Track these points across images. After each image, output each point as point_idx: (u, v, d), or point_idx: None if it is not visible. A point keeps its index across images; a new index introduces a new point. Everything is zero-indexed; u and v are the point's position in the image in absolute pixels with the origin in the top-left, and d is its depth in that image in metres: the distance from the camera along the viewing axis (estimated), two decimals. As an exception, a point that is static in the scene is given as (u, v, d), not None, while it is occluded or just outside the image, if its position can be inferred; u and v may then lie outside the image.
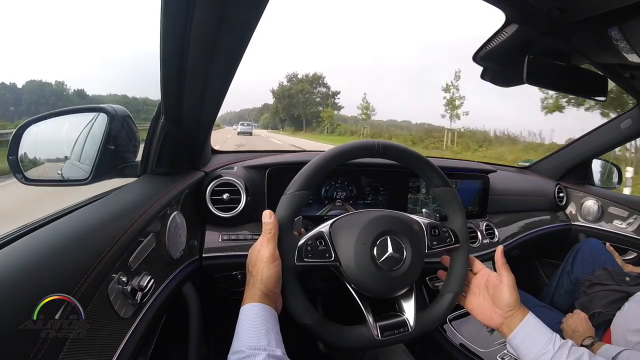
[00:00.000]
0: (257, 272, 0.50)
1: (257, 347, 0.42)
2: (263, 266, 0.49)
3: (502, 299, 0.56)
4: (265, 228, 0.52)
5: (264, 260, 0.49)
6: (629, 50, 0.62)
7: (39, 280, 0.31)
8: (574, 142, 1.43)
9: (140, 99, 66.32)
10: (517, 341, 0.55)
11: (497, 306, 0.57)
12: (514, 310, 0.56)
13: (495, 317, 0.58)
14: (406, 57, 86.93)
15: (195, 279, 0.70)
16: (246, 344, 0.42)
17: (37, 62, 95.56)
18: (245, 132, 28.08)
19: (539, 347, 0.52)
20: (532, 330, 0.54)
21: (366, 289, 0.56)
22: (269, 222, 0.51)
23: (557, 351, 0.51)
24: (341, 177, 0.91)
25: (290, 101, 43.97)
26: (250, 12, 0.44)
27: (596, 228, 1.37)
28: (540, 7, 0.56)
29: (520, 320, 0.55)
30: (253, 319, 0.46)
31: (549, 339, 0.52)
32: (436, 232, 0.61)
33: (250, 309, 0.47)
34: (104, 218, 0.46)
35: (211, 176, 0.77)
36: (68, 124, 0.70)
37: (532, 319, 0.55)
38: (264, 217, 0.52)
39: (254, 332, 0.44)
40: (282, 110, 45.28)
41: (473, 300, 0.62)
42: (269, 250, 0.50)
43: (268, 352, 0.42)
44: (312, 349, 0.86)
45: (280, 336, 0.47)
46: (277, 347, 0.44)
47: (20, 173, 0.61)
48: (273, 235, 0.51)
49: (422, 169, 0.63)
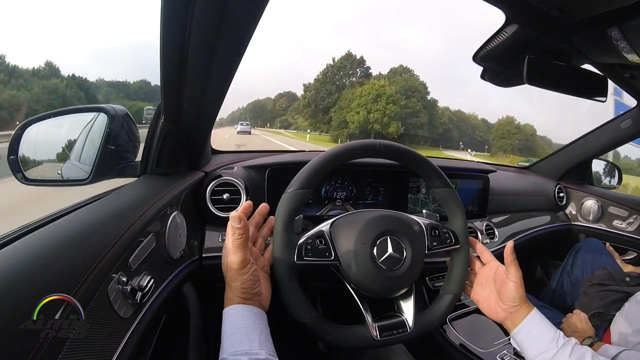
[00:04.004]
0: (230, 279, 0.49)
1: (239, 352, 0.42)
2: (235, 274, 0.48)
3: (508, 294, 0.56)
4: (234, 233, 0.48)
5: (235, 268, 0.48)
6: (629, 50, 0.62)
7: (39, 280, 0.31)
8: (574, 142, 1.42)
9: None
10: (521, 337, 0.55)
11: (502, 301, 0.57)
12: (519, 306, 0.56)
13: (499, 311, 0.57)
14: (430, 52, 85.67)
15: (195, 279, 0.70)
16: (228, 350, 0.43)
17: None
18: (244, 131, 28.25)
19: (542, 344, 0.52)
20: (536, 327, 0.54)
21: (366, 288, 0.56)
22: (238, 227, 0.47)
23: (560, 349, 0.50)
24: (341, 177, 0.91)
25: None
26: (251, 11, 0.44)
27: (596, 228, 1.37)
28: (540, 7, 0.56)
29: (524, 316, 0.55)
30: (233, 323, 0.45)
31: (553, 337, 0.52)
32: (436, 232, 0.61)
33: (230, 312, 0.47)
34: (104, 218, 0.46)
35: (211, 176, 0.77)
36: (68, 123, 0.70)
37: (536, 315, 0.55)
38: (232, 221, 0.48)
39: (235, 336, 0.44)
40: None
41: (480, 291, 0.61)
42: (239, 258, 0.48)
43: (249, 357, 0.42)
44: (312, 349, 0.86)
45: (266, 334, 0.46)
46: (260, 349, 0.43)
47: (20, 173, 0.61)
48: (244, 241, 0.48)
49: (423, 169, 0.63)
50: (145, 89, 48.59)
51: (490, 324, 0.96)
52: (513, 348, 0.82)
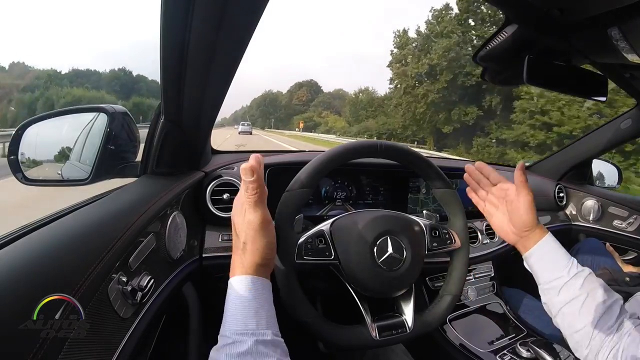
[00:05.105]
0: (248, 240, 0.43)
1: (244, 331, 0.38)
2: (254, 234, 0.42)
3: (519, 218, 0.54)
4: (247, 188, 0.42)
5: (255, 228, 0.42)
6: (629, 50, 0.62)
7: (39, 280, 0.31)
8: (574, 142, 1.43)
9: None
10: (531, 262, 0.53)
11: (513, 224, 0.55)
12: (530, 231, 0.54)
13: (510, 235, 0.56)
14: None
15: (195, 279, 0.70)
16: (232, 328, 0.38)
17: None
18: (245, 131, 28.38)
19: (553, 271, 0.50)
20: (548, 253, 0.52)
21: (365, 288, 0.56)
22: (251, 180, 0.41)
23: (572, 278, 0.49)
24: (341, 177, 0.91)
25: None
26: (251, 11, 0.44)
27: (596, 228, 1.37)
28: (540, 7, 0.56)
29: (536, 241, 0.53)
30: (242, 296, 0.40)
31: (565, 265, 0.50)
32: (436, 233, 0.61)
33: (240, 283, 0.41)
34: (104, 218, 0.46)
35: (211, 176, 0.77)
36: (68, 124, 0.71)
37: (550, 241, 0.53)
38: (243, 174, 0.41)
39: (242, 311, 0.39)
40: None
41: (492, 211, 0.60)
42: (259, 217, 0.42)
43: (256, 338, 0.37)
44: (312, 349, 0.86)
45: (272, 311, 0.42)
46: (267, 328, 0.39)
47: (20, 173, 0.61)
48: (259, 196, 0.42)
49: (423, 169, 0.63)
50: (123, 78, 43.78)
51: (490, 323, 0.96)
52: (513, 348, 0.82)
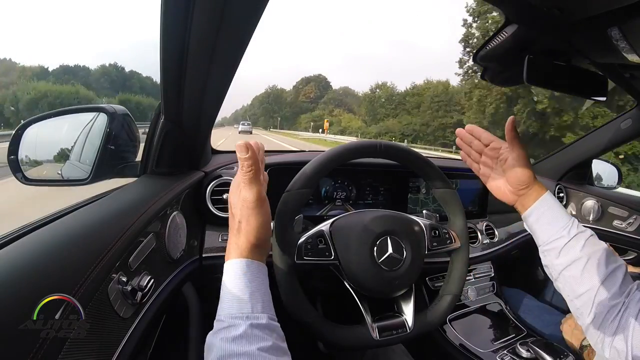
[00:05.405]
0: (243, 218, 0.43)
1: (239, 315, 0.38)
2: (249, 212, 0.42)
3: (514, 174, 0.53)
4: (242, 165, 0.42)
5: (250, 205, 0.42)
6: (629, 50, 0.62)
7: (39, 280, 0.31)
8: (574, 142, 1.43)
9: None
10: (531, 220, 0.52)
11: (510, 183, 0.54)
12: (528, 188, 0.52)
13: (508, 194, 0.54)
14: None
15: (195, 279, 0.70)
16: (228, 312, 0.39)
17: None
18: (245, 131, 28.43)
19: (553, 231, 0.49)
20: (547, 212, 0.50)
21: (365, 288, 0.56)
22: (246, 157, 0.41)
23: (572, 239, 0.47)
24: (341, 177, 0.91)
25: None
26: (251, 11, 0.44)
27: (596, 228, 1.37)
28: (540, 7, 0.56)
29: (535, 198, 0.51)
30: (237, 279, 0.41)
31: (565, 225, 0.48)
32: (436, 233, 0.61)
33: (235, 266, 0.42)
34: (104, 218, 0.46)
35: (211, 176, 0.77)
36: (68, 124, 0.71)
37: (548, 199, 0.51)
38: (238, 151, 0.42)
39: (237, 295, 0.40)
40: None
41: (488, 172, 0.58)
42: (254, 194, 0.42)
43: (251, 322, 0.37)
44: (312, 349, 0.86)
45: (268, 295, 0.42)
46: (262, 312, 0.39)
47: (20, 173, 0.61)
48: (254, 173, 0.42)
49: (423, 169, 0.63)
50: (114, 74, 41.48)
51: (490, 323, 0.96)
52: (513, 348, 0.82)
